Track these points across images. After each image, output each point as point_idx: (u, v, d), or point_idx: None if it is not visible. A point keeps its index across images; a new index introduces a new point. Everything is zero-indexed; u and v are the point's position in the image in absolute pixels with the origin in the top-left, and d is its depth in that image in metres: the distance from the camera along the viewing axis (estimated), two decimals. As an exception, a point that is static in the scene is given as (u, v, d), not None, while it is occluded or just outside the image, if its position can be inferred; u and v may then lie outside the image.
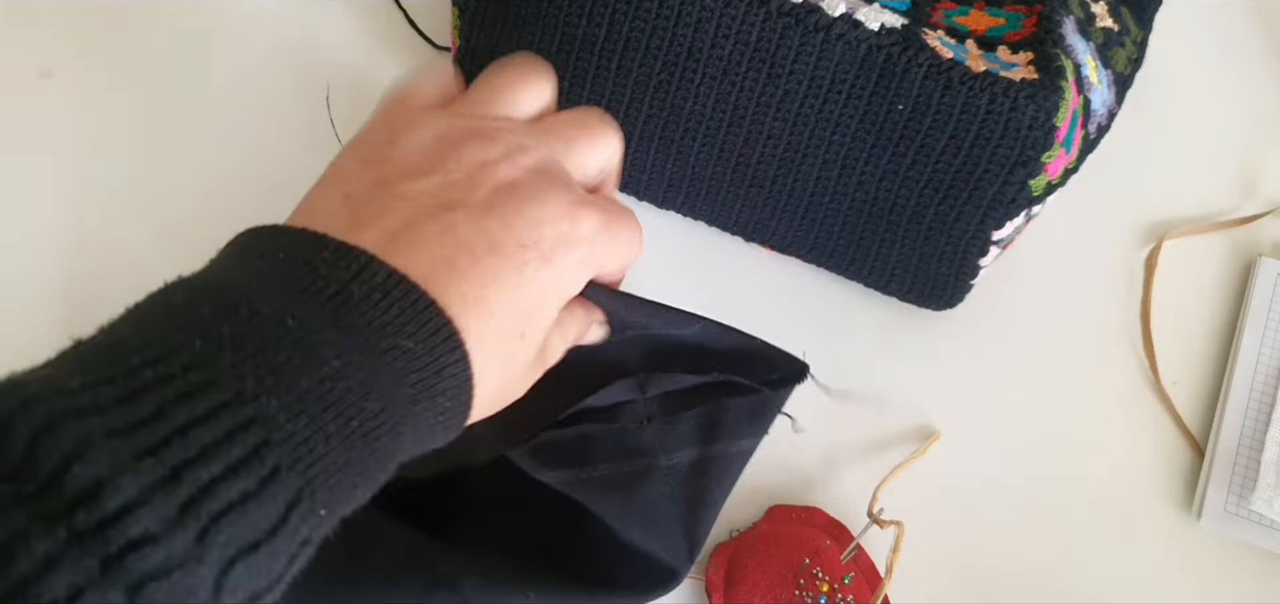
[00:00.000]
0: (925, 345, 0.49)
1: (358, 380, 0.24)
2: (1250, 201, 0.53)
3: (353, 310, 0.25)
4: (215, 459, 0.21)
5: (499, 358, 0.30)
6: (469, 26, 0.46)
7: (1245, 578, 0.45)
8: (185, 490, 0.20)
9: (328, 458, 0.23)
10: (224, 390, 0.22)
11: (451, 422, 0.28)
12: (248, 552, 0.21)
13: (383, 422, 0.25)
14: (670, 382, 0.38)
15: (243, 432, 0.22)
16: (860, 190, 0.44)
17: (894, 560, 0.41)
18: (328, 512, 0.24)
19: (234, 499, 0.21)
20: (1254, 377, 0.48)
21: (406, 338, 0.26)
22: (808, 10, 0.40)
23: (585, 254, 0.32)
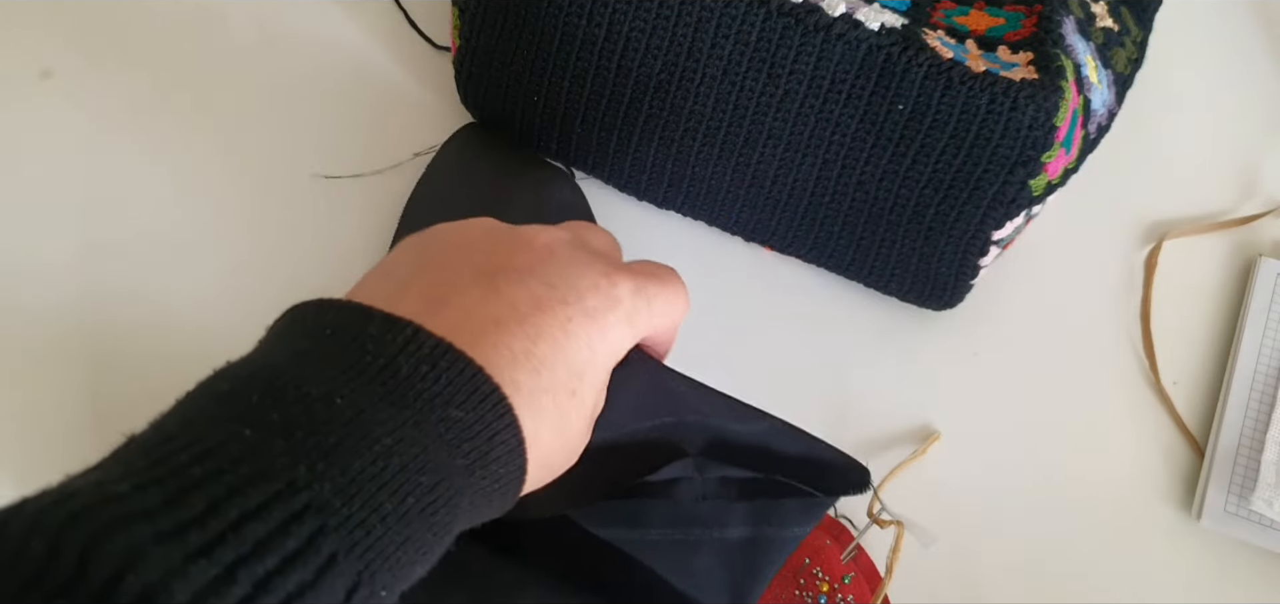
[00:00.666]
0: (925, 345, 0.49)
1: (412, 456, 0.24)
2: (1250, 201, 0.53)
3: (402, 384, 0.25)
4: (270, 553, 0.21)
5: (552, 416, 0.30)
6: (469, 26, 0.46)
7: (1245, 578, 0.45)
8: (241, 589, 0.20)
9: (385, 538, 0.23)
10: (275, 480, 0.22)
11: (508, 488, 0.28)
12: None
13: (438, 495, 0.25)
14: (725, 469, 0.38)
15: (297, 522, 0.21)
16: (860, 190, 0.44)
17: (894, 560, 0.41)
18: (388, 592, 0.23)
19: (292, 592, 0.21)
20: (1254, 377, 0.48)
21: (457, 407, 0.26)
22: (808, 10, 0.40)
23: (628, 314, 0.32)
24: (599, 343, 0.31)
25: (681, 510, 0.38)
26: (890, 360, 0.49)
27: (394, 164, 0.51)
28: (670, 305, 0.35)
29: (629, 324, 0.32)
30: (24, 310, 0.47)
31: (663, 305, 0.34)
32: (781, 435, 0.38)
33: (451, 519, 0.26)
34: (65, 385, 0.46)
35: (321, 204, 0.50)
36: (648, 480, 0.37)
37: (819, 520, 0.39)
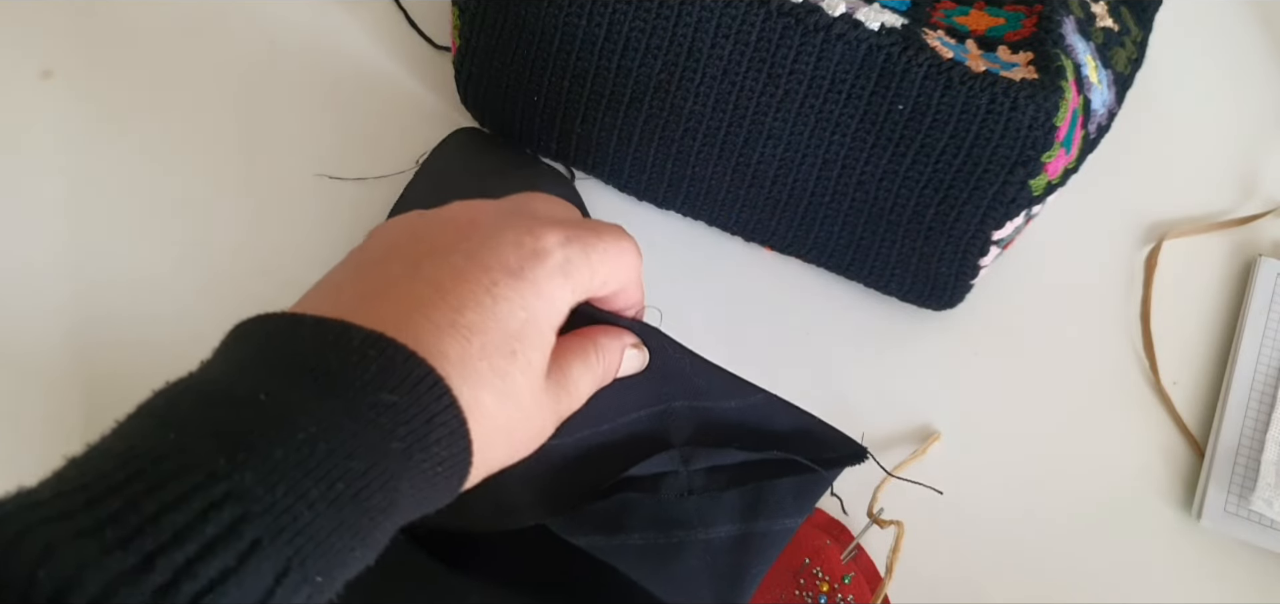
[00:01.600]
0: (925, 345, 0.49)
1: (339, 442, 0.24)
2: (1250, 201, 0.53)
3: (331, 377, 0.26)
4: (190, 540, 0.21)
5: (491, 380, 0.29)
6: (469, 26, 0.46)
7: (1245, 578, 0.45)
8: (160, 576, 0.20)
9: (314, 524, 0.23)
10: (196, 473, 0.22)
11: (455, 468, 0.28)
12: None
13: (372, 479, 0.25)
14: (716, 456, 0.37)
15: (216, 510, 0.21)
16: (860, 190, 0.44)
17: (894, 560, 0.41)
18: (325, 578, 0.23)
19: (214, 577, 0.21)
20: (1254, 377, 0.48)
21: (387, 392, 0.26)
22: (808, 10, 0.40)
23: (560, 264, 0.32)
24: (533, 300, 0.31)
25: (664, 509, 0.36)
26: (890, 360, 0.49)
27: (398, 170, 0.51)
28: (612, 255, 0.34)
29: (564, 276, 0.32)
30: (23, 310, 0.47)
31: (603, 255, 0.33)
32: (775, 409, 0.38)
33: (390, 504, 0.25)
34: (63, 384, 0.46)
35: (321, 205, 0.50)
36: (630, 475, 0.36)
37: (812, 508, 0.37)
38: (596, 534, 0.35)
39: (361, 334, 0.27)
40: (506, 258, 0.31)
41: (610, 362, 0.35)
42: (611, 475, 0.36)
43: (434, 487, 0.27)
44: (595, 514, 0.36)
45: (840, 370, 0.48)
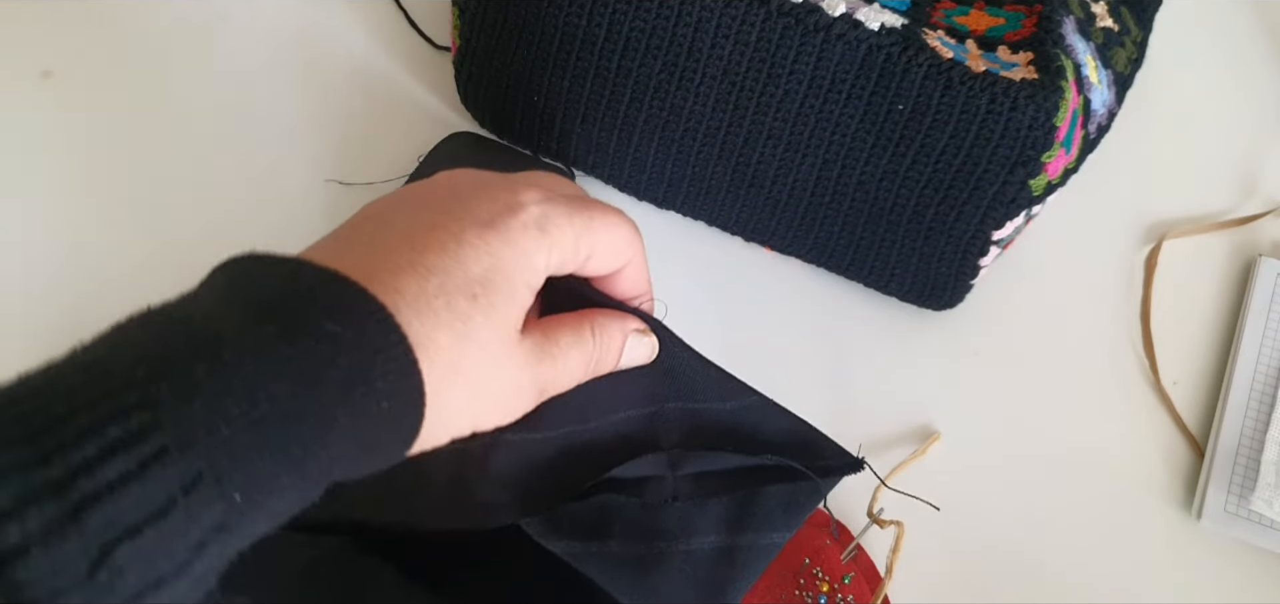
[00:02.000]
0: (925, 345, 0.49)
1: (266, 363, 0.24)
2: (1250, 201, 0.53)
3: (274, 306, 0.25)
4: (91, 442, 0.21)
5: (448, 319, 0.28)
6: (469, 27, 0.46)
7: (1245, 578, 0.45)
8: (55, 471, 0.20)
9: (233, 441, 0.23)
10: (113, 382, 0.22)
11: (404, 410, 0.27)
12: (132, 534, 0.21)
13: (302, 406, 0.24)
14: (706, 461, 0.35)
15: (124, 416, 0.21)
16: (860, 190, 0.44)
17: (894, 560, 0.41)
18: (246, 499, 0.23)
19: (112, 479, 0.21)
20: (1254, 377, 0.48)
21: (332, 322, 0.26)
22: (808, 10, 0.40)
23: (536, 219, 0.31)
24: (501, 248, 0.30)
25: (647, 516, 0.34)
26: (890, 360, 0.49)
27: (403, 174, 0.51)
28: (600, 227, 0.33)
29: (540, 230, 0.31)
30: (23, 310, 0.47)
31: (588, 223, 0.32)
32: (769, 414, 0.36)
33: (324, 434, 0.25)
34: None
35: (321, 204, 0.50)
36: (613, 475, 0.35)
37: (802, 522, 0.36)
38: (573, 540, 0.34)
39: (313, 269, 0.27)
40: (479, 210, 0.30)
41: (608, 344, 0.34)
42: (594, 476, 0.35)
43: (381, 428, 0.26)
44: (573, 517, 0.34)
45: (840, 370, 0.48)
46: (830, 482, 0.36)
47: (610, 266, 0.34)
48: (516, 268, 0.30)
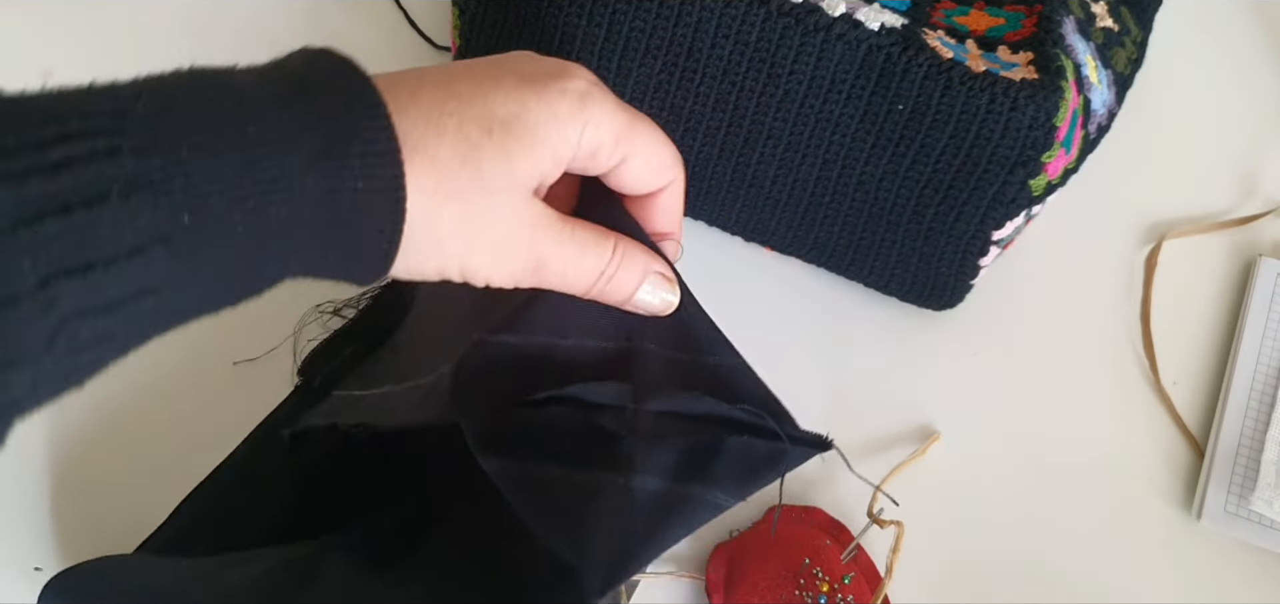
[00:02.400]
0: (925, 345, 0.49)
1: (250, 108, 0.24)
2: (1250, 201, 0.53)
3: (289, 78, 0.26)
4: (54, 141, 0.22)
5: (455, 138, 0.28)
6: (469, 26, 0.46)
7: (1245, 578, 0.45)
8: (18, 163, 0.22)
9: (191, 163, 0.23)
10: (100, 100, 0.24)
11: (378, 201, 0.26)
12: (66, 213, 0.22)
13: (266, 150, 0.24)
14: (674, 402, 0.33)
15: (90, 117, 0.23)
16: (860, 190, 0.44)
17: (894, 560, 0.41)
18: (193, 219, 0.23)
19: (58, 161, 0.22)
20: (1254, 377, 0.48)
21: (324, 93, 0.26)
22: (808, 10, 0.40)
23: (579, 91, 0.30)
24: (534, 100, 0.29)
25: (594, 443, 0.32)
26: (890, 360, 0.49)
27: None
28: (643, 134, 0.31)
29: (580, 102, 0.30)
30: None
31: (631, 124, 0.31)
32: (748, 380, 0.35)
33: (288, 188, 0.25)
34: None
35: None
36: (569, 393, 0.33)
37: (753, 490, 0.33)
38: (510, 458, 0.32)
39: (339, 62, 0.27)
40: (523, 67, 0.30)
41: (628, 270, 0.32)
42: (554, 385, 0.33)
43: (354, 215, 0.26)
44: (516, 426, 0.33)
45: (840, 370, 0.48)
46: (794, 453, 0.34)
47: (647, 183, 0.33)
48: (543, 124, 0.29)
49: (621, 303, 0.33)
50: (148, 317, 0.24)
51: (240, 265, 0.25)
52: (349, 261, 0.27)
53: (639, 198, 0.33)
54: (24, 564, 0.43)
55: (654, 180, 0.33)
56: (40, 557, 0.43)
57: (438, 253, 0.28)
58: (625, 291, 0.32)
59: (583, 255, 0.31)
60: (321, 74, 0.26)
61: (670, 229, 0.34)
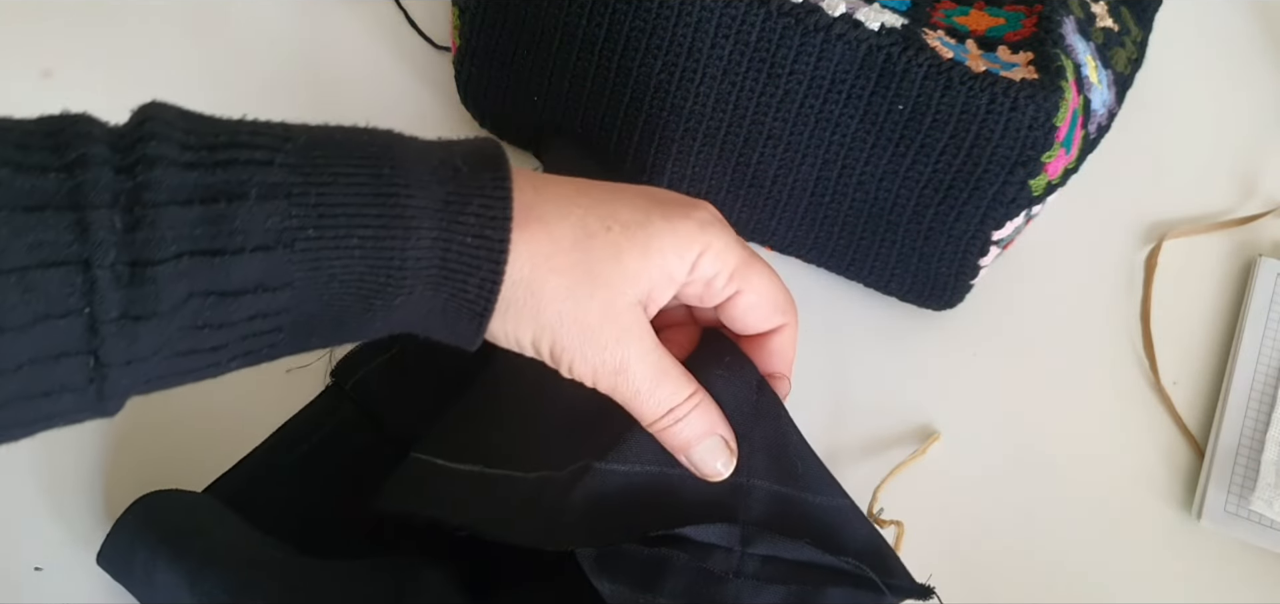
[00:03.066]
0: (925, 345, 0.49)
1: (395, 157, 0.28)
2: (1250, 201, 0.53)
3: (442, 145, 0.29)
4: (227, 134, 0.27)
5: (573, 228, 0.30)
6: (469, 26, 0.46)
7: (1245, 578, 0.45)
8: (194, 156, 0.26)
9: (328, 185, 0.26)
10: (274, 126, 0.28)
11: (484, 253, 0.28)
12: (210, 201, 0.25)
13: (396, 191, 0.27)
14: (779, 546, 0.34)
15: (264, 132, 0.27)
16: (860, 190, 0.44)
17: (894, 560, 0.41)
18: (318, 233, 0.26)
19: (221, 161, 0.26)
20: (1254, 377, 0.48)
21: (460, 160, 0.29)
22: (808, 10, 0.40)
23: (703, 221, 0.32)
24: (658, 217, 0.31)
25: (703, 584, 0.33)
26: (890, 360, 0.49)
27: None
28: (759, 269, 0.33)
29: (700, 228, 0.31)
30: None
31: (748, 258, 0.33)
32: (854, 521, 0.35)
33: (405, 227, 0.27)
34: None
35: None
36: (680, 533, 0.33)
37: None
38: (622, 583, 0.33)
39: (485, 142, 0.30)
40: (656, 192, 0.32)
41: (691, 424, 0.33)
42: (665, 525, 0.34)
43: (463, 263, 0.28)
44: (629, 559, 0.33)
45: (840, 370, 0.48)
46: (896, 601, 0.35)
47: (760, 322, 0.34)
48: (660, 236, 0.31)
49: (679, 450, 0.34)
50: (263, 322, 0.27)
51: (352, 296, 0.27)
52: (450, 314, 0.29)
53: (752, 338, 0.35)
54: (24, 564, 0.43)
55: (767, 320, 0.34)
56: (40, 557, 0.43)
57: (534, 320, 0.30)
58: (687, 438, 0.33)
59: (661, 382, 0.32)
60: (467, 147, 0.29)
61: (783, 371, 0.36)
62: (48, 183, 0.24)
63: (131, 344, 0.25)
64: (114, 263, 0.24)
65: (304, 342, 0.29)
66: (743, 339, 0.36)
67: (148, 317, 0.25)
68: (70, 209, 0.24)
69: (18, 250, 0.23)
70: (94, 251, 0.24)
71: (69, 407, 0.25)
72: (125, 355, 0.25)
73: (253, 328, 0.27)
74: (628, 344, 0.31)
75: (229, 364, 0.28)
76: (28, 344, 0.24)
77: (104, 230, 0.24)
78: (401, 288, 0.28)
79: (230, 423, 0.45)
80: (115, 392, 0.26)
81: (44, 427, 0.26)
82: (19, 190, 0.24)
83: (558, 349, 0.31)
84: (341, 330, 0.29)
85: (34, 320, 0.24)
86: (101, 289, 0.24)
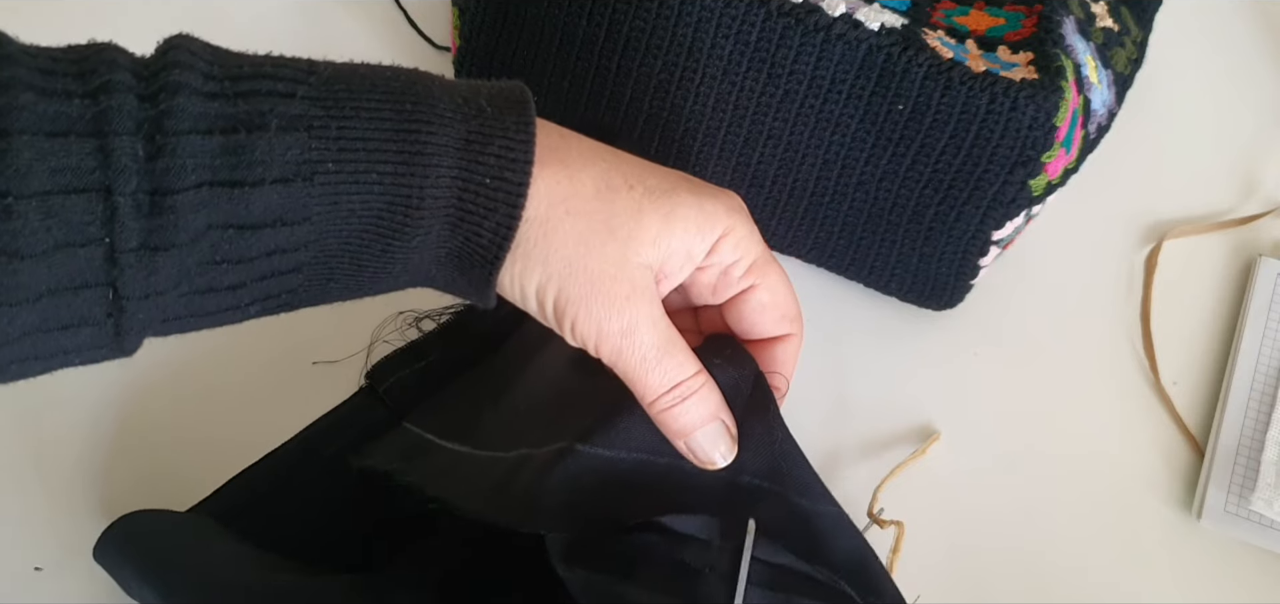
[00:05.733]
0: (925, 345, 0.49)
1: (419, 93, 0.27)
2: (1250, 201, 0.53)
3: (467, 85, 0.29)
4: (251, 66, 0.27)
5: (595, 179, 0.29)
6: (469, 26, 0.46)
7: (1245, 578, 0.45)
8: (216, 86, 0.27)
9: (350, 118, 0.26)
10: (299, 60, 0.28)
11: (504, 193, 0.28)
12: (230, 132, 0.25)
13: (418, 128, 0.27)
14: (760, 548, 0.33)
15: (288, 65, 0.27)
16: (860, 190, 0.44)
17: (894, 560, 0.41)
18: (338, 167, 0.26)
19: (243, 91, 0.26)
20: (1254, 377, 0.48)
21: (486, 101, 0.28)
22: (808, 10, 0.40)
23: (731, 207, 0.31)
24: (686, 191, 0.30)
25: (677, 575, 0.32)
26: (890, 360, 0.49)
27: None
28: (778, 272, 0.33)
29: (728, 213, 0.31)
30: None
31: (770, 259, 0.32)
32: (842, 530, 0.34)
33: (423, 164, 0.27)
34: (65, 392, 0.46)
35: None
36: (660, 521, 0.32)
37: None
38: (595, 570, 0.32)
39: (513, 86, 0.29)
40: (690, 177, 0.32)
41: (694, 406, 0.32)
42: (645, 514, 0.33)
43: (480, 201, 0.28)
44: (602, 546, 0.32)
45: (840, 370, 0.48)
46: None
47: (767, 326, 0.34)
48: (685, 208, 0.30)
49: (679, 434, 0.32)
50: (282, 259, 0.26)
51: (371, 234, 0.27)
52: (465, 260, 0.29)
53: (756, 343, 0.35)
54: (24, 564, 0.43)
55: (775, 325, 0.34)
56: (41, 557, 0.43)
57: (542, 265, 0.29)
58: (690, 421, 0.32)
59: (669, 352, 0.31)
60: (493, 88, 0.29)
61: (780, 380, 0.35)
62: (72, 108, 0.24)
63: (150, 276, 0.25)
64: (135, 191, 0.24)
65: (323, 287, 0.28)
66: (746, 343, 0.35)
67: (166, 248, 0.24)
68: (93, 135, 0.24)
69: (40, 175, 0.23)
70: (116, 179, 0.24)
71: (87, 342, 0.25)
72: (143, 289, 0.25)
73: (271, 266, 0.26)
74: (637, 304, 0.30)
75: (248, 307, 0.27)
76: (46, 273, 0.23)
77: (126, 157, 0.24)
78: (418, 227, 0.27)
79: (230, 424, 0.45)
80: (133, 326, 0.25)
81: (62, 363, 0.25)
82: (42, 115, 0.23)
83: (563, 300, 0.29)
84: (361, 274, 0.28)
85: (54, 247, 0.23)
86: (122, 217, 0.24)
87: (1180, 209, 0.52)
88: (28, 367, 0.25)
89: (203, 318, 0.27)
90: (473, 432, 0.38)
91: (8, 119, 0.23)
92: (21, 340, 0.24)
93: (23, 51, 0.25)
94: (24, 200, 0.23)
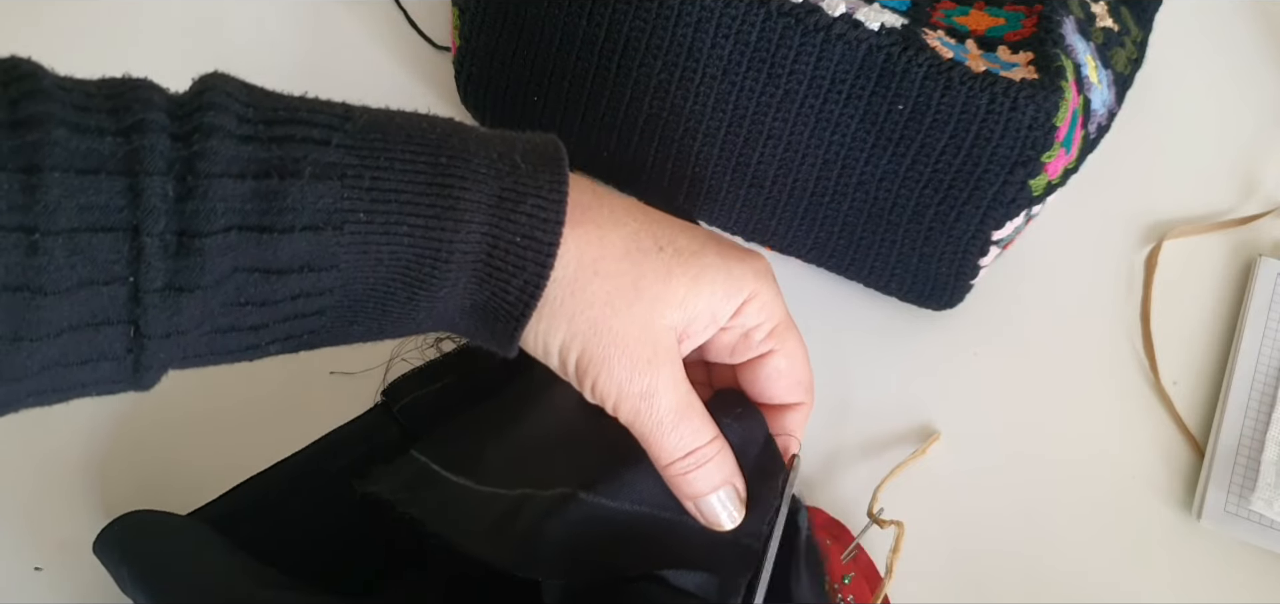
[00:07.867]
0: (925, 345, 0.49)
1: (454, 147, 0.27)
2: (1250, 201, 0.53)
3: (502, 138, 0.29)
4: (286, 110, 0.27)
5: (624, 239, 0.29)
6: (469, 26, 0.46)
7: (1245, 578, 0.45)
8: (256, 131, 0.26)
9: (384, 169, 0.26)
10: (334, 105, 0.28)
11: (533, 253, 0.28)
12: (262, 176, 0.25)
13: (452, 182, 0.26)
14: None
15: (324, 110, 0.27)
16: (860, 190, 0.44)
17: (894, 560, 0.41)
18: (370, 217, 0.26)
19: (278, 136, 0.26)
20: (1254, 377, 0.48)
21: (520, 156, 0.28)
22: (808, 10, 0.40)
23: (758, 271, 0.31)
24: (713, 252, 0.30)
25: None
26: (890, 360, 0.49)
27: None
28: (798, 341, 0.33)
29: (755, 278, 0.31)
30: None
31: (791, 325, 0.32)
32: None
33: (455, 218, 0.27)
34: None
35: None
36: (661, 574, 0.32)
37: None
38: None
39: (547, 140, 0.29)
40: (719, 235, 0.32)
41: (709, 471, 0.32)
42: (646, 567, 0.33)
43: (510, 260, 0.28)
44: (603, 595, 0.33)
45: (840, 370, 0.48)
46: None
47: (782, 392, 0.34)
48: (712, 270, 0.30)
49: (691, 496, 0.33)
50: (306, 302, 0.26)
51: (398, 284, 0.27)
52: (490, 314, 0.29)
53: (766, 408, 0.35)
54: (24, 564, 0.43)
55: (788, 393, 0.34)
56: (41, 557, 0.43)
57: (567, 323, 0.29)
58: (701, 486, 0.32)
59: (686, 419, 0.31)
60: (528, 145, 0.29)
61: (795, 436, 0.35)
62: (104, 145, 0.24)
63: (173, 316, 0.24)
64: (163, 232, 0.24)
65: (345, 330, 0.28)
66: (765, 407, 0.35)
67: (191, 289, 0.24)
68: (124, 174, 0.24)
69: (68, 212, 0.23)
70: (145, 219, 0.24)
71: (106, 376, 0.25)
72: (166, 328, 0.25)
73: (295, 308, 0.26)
74: (659, 367, 0.30)
75: (268, 347, 0.27)
76: (69, 310, 0.23)
77: (156, 197, 0.24)
78: (446, 279, 0.27)
79: (240, 430, 0.45)
80: (153, 364, 0.25)
81: (78, 394, 0.25)
82: (74, 151, 0.23)
83: (585, 360, 0.30)
84: (384, 319, 0.28)
85: (78, 285, 0.23)
86: (148, 257, 0.24)
87: (1180, 209, 0.52)
88: (45, 398, 0.25)
89: (223, 355, 0.27)
90: (477, 465, 0.38)
91: (40, 155, 0.23)
92: (41, 374, 0.24)
93: (57, 86, 0.25)
94: (51, 237, 0.23)
